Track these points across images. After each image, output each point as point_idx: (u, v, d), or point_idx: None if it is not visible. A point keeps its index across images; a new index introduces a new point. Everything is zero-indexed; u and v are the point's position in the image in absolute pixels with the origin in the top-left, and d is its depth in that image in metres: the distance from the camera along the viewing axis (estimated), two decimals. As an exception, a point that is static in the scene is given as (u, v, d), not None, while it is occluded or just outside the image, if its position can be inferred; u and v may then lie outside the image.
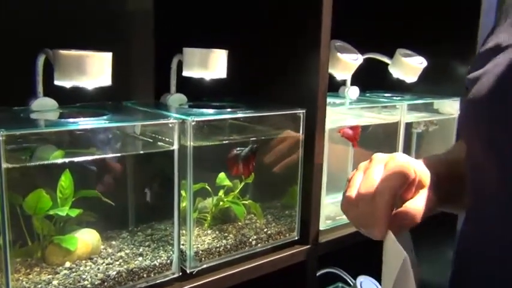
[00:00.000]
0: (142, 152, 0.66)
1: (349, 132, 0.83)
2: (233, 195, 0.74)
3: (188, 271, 0.64)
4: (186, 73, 0.71)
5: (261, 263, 0.70)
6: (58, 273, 0.57)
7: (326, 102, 0.73)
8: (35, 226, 0.58)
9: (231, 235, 0.71)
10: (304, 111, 0.72)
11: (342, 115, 0.85)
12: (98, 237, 0.63)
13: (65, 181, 0.58)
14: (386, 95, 1.03)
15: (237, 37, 0.81)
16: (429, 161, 0.58)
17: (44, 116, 0.63)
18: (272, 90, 0.79)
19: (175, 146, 0.61)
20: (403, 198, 0.54)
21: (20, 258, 0.58)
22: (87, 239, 0.61)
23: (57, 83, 0.57)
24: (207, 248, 0.67)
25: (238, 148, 0.70)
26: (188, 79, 0.71)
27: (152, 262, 0.62)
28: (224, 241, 0.69)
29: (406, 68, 0.92)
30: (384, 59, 0.94)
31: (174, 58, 0.74)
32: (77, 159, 0.57)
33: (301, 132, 0.73)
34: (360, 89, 0.95)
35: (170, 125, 0.61)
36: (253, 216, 0.77)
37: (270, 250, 0.73)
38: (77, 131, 0.57)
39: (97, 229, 0.63)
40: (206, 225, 0.73)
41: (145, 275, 0.61)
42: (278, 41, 0.78)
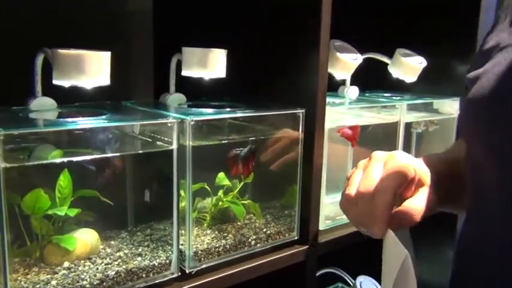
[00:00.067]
0: (141, 152, 0.66)
1: (348, 132, 0.82)
2: (232, 195, 0.74)
3: (187, 271, 0.64)
4: (185, 72, 0.71)
5: (261, 263, 0.70)
6: (57, 273, 0.57)
7: (325, 102, 0.73)
8: (34, 226, 0.58)
9: (230, 235, 0.71)
10: (303, 110, 0.72)
11: (342, 115, 0.85)
12: (97, 237, 0.62)
13: (64, 181, 0.58)
14: (385, 95, 1.03)
15: (237, 37, 0.81)
16: (429, 160, 0.58)
17: (43, 116, 0.63)
18: (271, 89, 0.79)
19: (174, 146, 0.61)
20: (403, 196, 0.54)
21: (19, 258, 0.58)
22: (86, 239, 0.61)
23: (55, 83, 0.57)
24: (206, 248, 0.66)
25: (238, 148, 0.70)
26: (187, 79, 0.71)
27: (151, 262, 0.62)
28: (223, 241, 0.69)
29: (406, 68, 0.92)
30: (384, 59, 0.94)
31: (173, 58, 0.74)
32: (76, 158, 0.57)
33: (300, 132, 0.73)
34: (360, 89, 0.95)
35: (169, 125, 0.61)
36: (252, 216, 0.76)
37: (270, 250, 0.73)
38: (76, 131, 0.57)
39: (96, 229, 0.63)
40: (205, 225, 0.73)
41: (144, 275, 0.60)
42: (277, 41, 0.78)
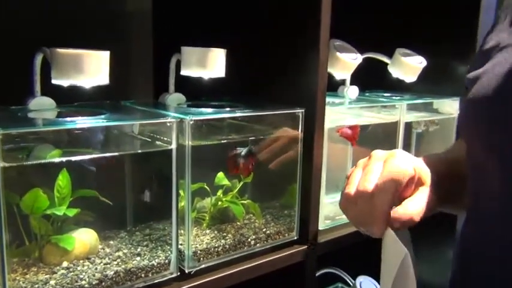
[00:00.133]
0: (140, 152, 0.66)
1: (347, 132, 0.82)
2: (232, 194, 0.74)
3: (186, 271, 0.64)
4: (185, 72, 0.71)
5: (260, 263, 0.70)
6: (55, 273, 0.56)
7: (325, 101, 0.73)
8: (32, 226, 0.58)
9: (230, 235, 0.71)
10: (303, 110, 0.72)
11: (341, 115, 0.85)
12: (96, 236, 0.62)
13: (63, 180, 0.58)
14: (385, 95, 1.03)
15: (236, 37, 0.81)
16: (429, 160, 0.58)
17: (42, 115, 0.63)
18: (271, 89, 0.79)
19: (173, 146, 0.61)
20: (402, 196, 0.54)
21: (17, 258, 0.57)
22: (84, 239, 0.61)
23: (54, 82, 0.57)
24: (206, 248, 0.66)
25: (238, 148, 0.70)
26: (187, 79, 0.71)
27: (150, 262, 0.61)
28: (223, 241, 0.69)
29: (406, 68, 0.92)
30: (383, 59, 0.94)
31: (173, 57, 0.74)
32: (75, 158, 0.57)
33: (300, 131, 0.73)
34: (359, 89, 0.95)
35: (168, 124, 0.61)
36: (252, 216, 0.76)
37: (269, 250, 0.73)
38: (75, 130, 0.57)
39: (95, 229, 0.63)
40: (204, 225, 0.72)
41: (143, 275, 0.60)
42: (277, 41, 0.78)
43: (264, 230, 0.73)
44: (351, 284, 1.04)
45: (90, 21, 0.88)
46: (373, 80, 1.01)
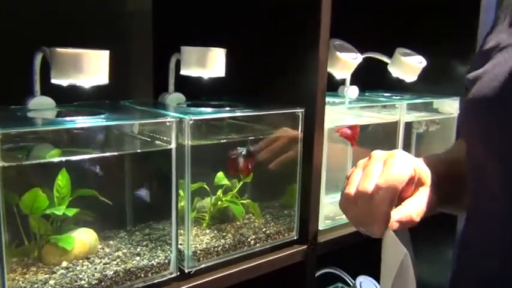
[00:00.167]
0: (140, 151, 0.65)
1: (347, 131, 0.82)
2: (231, 194, 0.73)
3: (186, 271, 0.64)
4: (184, 72, 0.70)
5: (260, 263, 0.70)
6: (55, 272, 0.56)
7: (325, 101, 0.73)
8: (32, 225, 0.58)
9: (230, 235, 0.71)
10: (303, 110, 0.72)
11: (341, 114, 0.84)
12: (95, 236, 0.62)
13: (62, 180, 0.58)
14: (385, 95, 1.03)
15: (236, 37, 0.81)
16: (429, 160, 0.58)
17: (41, 115, 0.63)
18: (271, 89, 0.79)
19: (173, 145, 0.61)
20: (402, 196, 0.54)
21: (17, 257, 0.57)
22: (84, 239, 0.61)
23: (54, 81, 0.57)
24: (205, 248, 0.66)
25: (238, 147, 0.70)
26: (187, 78, 0.71)
27: (150, 262, 0.61)
28: (222, 241, 0.69)
29: (406, 67, 0.92)
30: (383, 58, 0.94)
31: (172, 57, 0.74)
32: (74, 158, 0.57)
33: (300, 131, 0.73)
34: (359, 89, 0.95)
35: (168, 124, 0.61)
36: (251, 215, 0.76)
37: (269, 250, 0.73)
38: (74, 130, 0.57)
39: (94, 228, 0.62)
40: (204, 224, 0.72)
41: (142, 275, 0.60)
42: (277, 41, 0.78)
43: (264, 230, 0.73)
44: (351, 284, 1.04)
45: (90, 21, 0.88)
46: (373, 80, 1.01)
